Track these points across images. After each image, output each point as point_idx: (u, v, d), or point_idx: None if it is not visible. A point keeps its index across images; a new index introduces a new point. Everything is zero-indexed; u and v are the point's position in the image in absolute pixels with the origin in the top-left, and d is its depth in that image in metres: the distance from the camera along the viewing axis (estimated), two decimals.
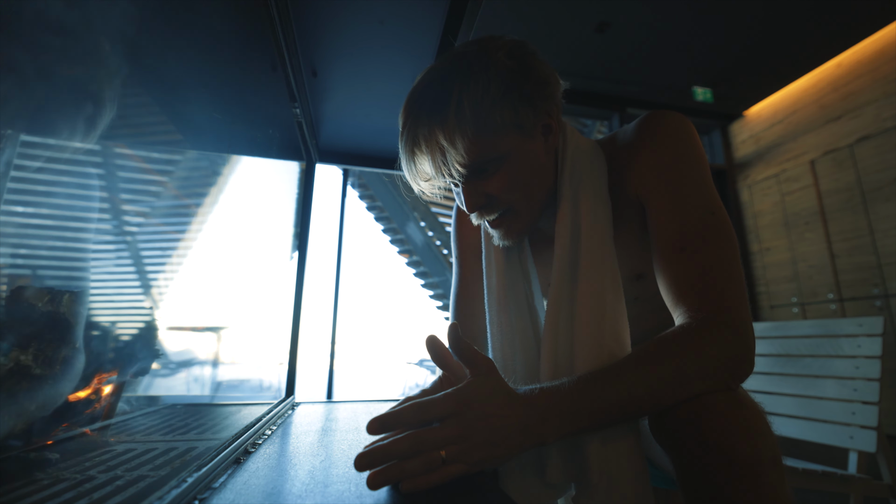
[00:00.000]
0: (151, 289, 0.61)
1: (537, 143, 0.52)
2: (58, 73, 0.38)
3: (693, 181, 0.48)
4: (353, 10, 0.76)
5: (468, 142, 0.46)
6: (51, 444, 0.45)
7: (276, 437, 0.64)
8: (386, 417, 0.38)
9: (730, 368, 0.40)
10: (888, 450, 1.08)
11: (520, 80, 0.48)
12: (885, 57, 2.59)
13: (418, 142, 0.49)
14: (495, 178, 0.50)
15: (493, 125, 0.47)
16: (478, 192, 0.51)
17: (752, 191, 3.33)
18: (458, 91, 0.46)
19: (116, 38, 0.44)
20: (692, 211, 0.46)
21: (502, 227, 0.54)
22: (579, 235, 0.54)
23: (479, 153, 0.47)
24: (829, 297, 2.72)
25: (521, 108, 0.48)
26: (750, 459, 0.34)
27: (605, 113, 3.32)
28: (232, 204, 0.81)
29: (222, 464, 0.46)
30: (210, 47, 0.65)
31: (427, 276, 5.96)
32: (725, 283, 0.43)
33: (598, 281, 0.51)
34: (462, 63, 0.48)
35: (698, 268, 0.44)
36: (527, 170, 0.51)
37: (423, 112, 0.48)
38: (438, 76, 0.49)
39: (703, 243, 0.45)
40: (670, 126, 0.51)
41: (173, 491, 0.35)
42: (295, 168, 1.25)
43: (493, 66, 0.47)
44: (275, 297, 1.16)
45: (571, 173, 0.55)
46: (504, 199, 0.51)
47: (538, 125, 0.51)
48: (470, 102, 0.46)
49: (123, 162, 0.53)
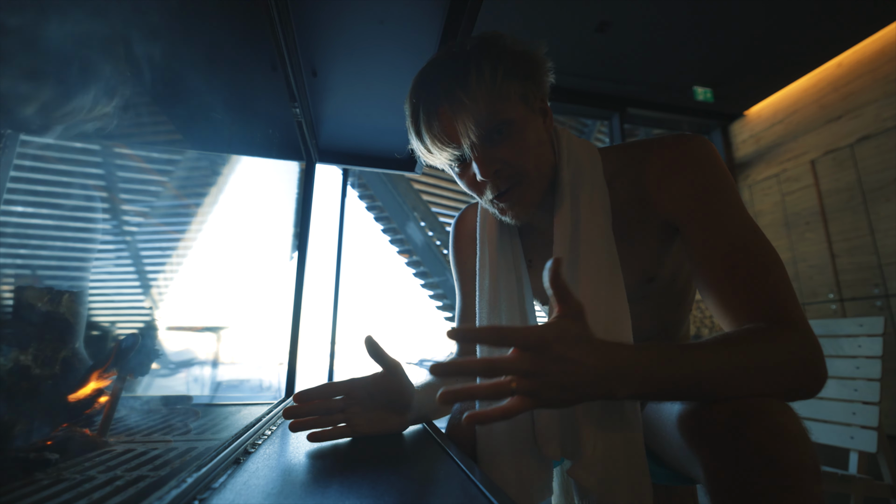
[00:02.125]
0: (151, 289, 0.61)
1: (538, 120, 0.57)
2: (57, 73, 0.38)
3: (731, 205, 0.50)
4: (352, 10, 0.76)
5: (487, 103, 0.51)
6: (50, 444, 0.45)
7: (276, 438, 0.64)
8: (466, 331, 0.38)
9: (805, 376, 0.40)
10: (889, 450, 1.08)
11: (523, 61, 0.54)
12: (885, 57, 2.59)
13: (441, 105, 0.53)
14: (507, 143, 0.54)
15: (505, 93, 0.52)
16: (492, 158, 0.54)
17: (752, 191, 3.33)
18: (475, 64, 0.52)
19: (116, 38, 0.44)
20: (737, 233, 0.48)
21: (513, 198, 0.56)
22: (579, 233, 0.55)
23: (494, 118, 0.52)
24: (829, 297, 2.72)
25: (527, 83, 0.54)
26: (793, 466, 0.33)
27: (605, 113, 3.31)
28: (232, 204, 0.81)
29: (222, 464, 0.46)
30: (210, 47, 0.65)
31: (427, 276, 5.95)
32: (786, 298, 0.44)
33: (601, 283, 0.53)
34: (471, 47, 0.54)
35: (755, 286, 0.45)
36: (533, 137, 0.55)
37: (442, 82, 0.53)
38: (452, 57, 0.54)
39: (754, 259, 0.46)
40: (705, 152, 0.53)
41: (173, 491, 0.35)
42: (295, 168, 1.25)
43: (499, 47, 0.54)
44: (275, 297, 1.16)
45: (568, 161, 0.59)
46: (516, 163, 0.54)
47: (538, 104, 0.56)
48: (488, 72, 0.51)
49: (123, 162, 0.53)
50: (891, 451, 1.08)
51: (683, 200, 0.52)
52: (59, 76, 0.38)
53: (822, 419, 1.22)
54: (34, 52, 0.35)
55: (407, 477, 0.45)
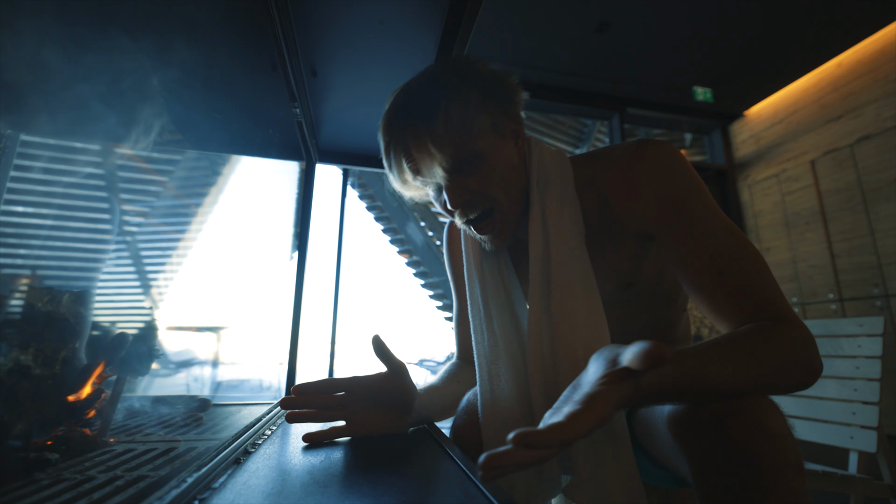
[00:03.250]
0: (151, 289, 0.61)
1: (509, 145, 0.58)
2: (58, 74, 0.38)
3: (704, 208, 0.50)
4: (352, 10, 0.76)
5: (454, 145, 0.52)
6: (50, 444, 0.45)
7: (276, 438, 0.64)
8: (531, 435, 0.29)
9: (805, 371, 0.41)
10: (888, 450, 1.08)
11: (493, 90, 0.55)
12: (885, 57, 2.59)
13: (408, 152, 0.54)
14: (477, 174, 0.55)
15: (475, 127, 0.53)
16: (462, 188, 0.55)
17: (752, 191, 3.33)
18: (445, 103, 0.52)
19: (116, 38, 0.44)
20: (713, 235, 0.48)
21: (491, 229, 0.58)
22: (548, 244, 0.57)
23: (462, 152, 0.53)
24: (829, 297, 2.72)
25: (497, 113, 0.55)
26: (776, 463, 0.34)
27: (605, 113, 3.31)
28: (232, 204, 0.81)
29: (222, 464, 0.46)
30: (210, 47, 0.65)
31: (427, 276, 5.95)
32: (774, 296, 0.44)
33: (569, 284, 0.54)
34: (442, 79, 0.55)
35: (743, 287, 0.45)
36: (503, 165, 0.56)
37: (409, 124, 0.53)
38: (421, 91, 0.55)
39: (738, 262, 0.46)
40: (667, 160, 0.53)
41: (173, 491, 0.35)
42: (295, 168, 1.25)
43: (471, 77, 0.55)
44: (275, 297, 1.16)
45: (538, 179, 0.59)
46: (486, 192, 0.56)
47: (509, 128, 0.57)
48: (456, 111, 0.52)
49: (124, 162, 0.53)
50: (891, 451, 1.08)
51: (653, 211, 0.52)
52: (59, 77, 0.38)
53: (822, 419, 1.22)
54: (34, 52, 0.35)
55: (407, 477, 0.45)
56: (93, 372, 0.49)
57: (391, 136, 0.55)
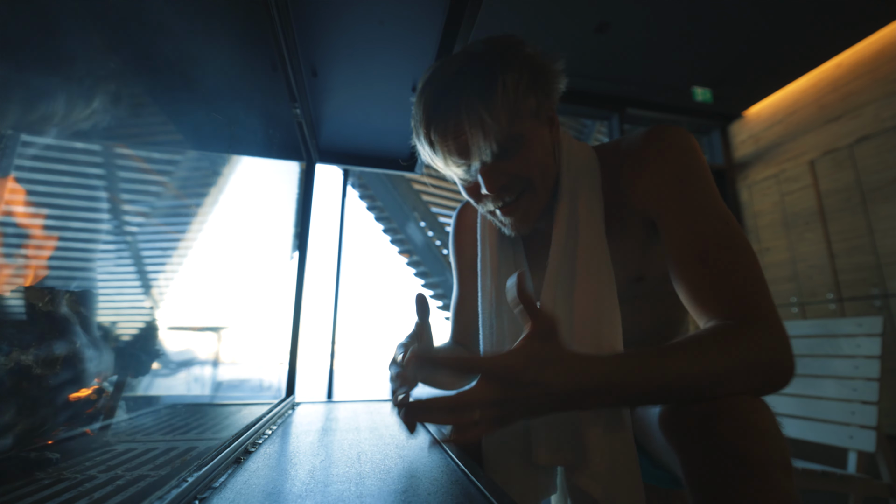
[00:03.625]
0: (152, 289, 0.61)
1: (545, 131, 0.56)
2: (58, 74, 0.38)
3: (703, 194, 0.49)
4: (352, 10, 0.76)
5: (506, 120, 0.50)
6: (51, 444, 0.45)
7: (277, 437, 0.64)
8: (437, 358, 0.39)
9: (773, 372, 0.40)
10: (887, 449, 1.08)
11: (541, 72, 0.53)
12: (884, 57, 2.59)
13: (459, 119, 0.50)
14: (517, 158, 0.53)
15: (522, 109, 0.51)
16: (499, 173, 0.53)
17: (751, 191, 3.33)
18: (501, 75, 0.50)
19: (116, 38, 0.44)
20: (707, 222, 0.47)
21: (518, 211, 0.56)
22: (577, 234, 0.56)
23: (509, 132, 0.51)
24: (828, 297, 2.72)
25: (542, 96, 0.53)
26: (761, 461, 0.34)
27: (605, 113, 3.31)
28: (232, 204, 0.81)
29: (222, 463, 0.46)
30: (210, 47, 0.65)
31: (427, 276, 5.95)
32: (755, 290, 0.43)
33: (596, 283, 0.53)
34: (497, 53, 0.52)
35: (725, 277, 0.44)
36: (541, 151, 0.55)
37: (464, 92, 0.50)
38: (475, 63, 0.52)
39: (725, 252, 0.45)
40: (675, 141, 0.52)
41: (174, 490, 0.35)
42: (295, 168, 1.25)
43: (523, 57, 0.52)
44: (275, 296, 1.16)
45: (568, 170, 0.58)
46: (523, 177, 0.54)
47: (547, 115, 0.56)
48: (511, 85, 0.50)
49: (124, 162, 0.53)
50: (889, 451, 1.08)
51: (657, 190, 0.52)
52: (60, 77, 0.38)
53: (821, 419, 1.22)
54: (34, 52, 0.35)
55: (407, 477, 0.45)
56: (94, 372, 0.49)
57: (435, 106, 0.52)
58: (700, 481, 0.37)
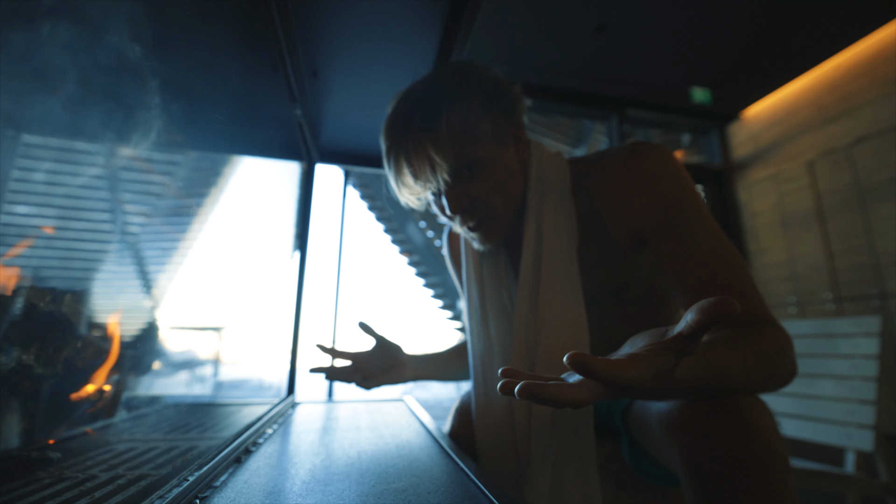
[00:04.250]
0: (152, 289, 0.61)
1: (510, 152, 0.58)
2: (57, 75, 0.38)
3: (694, 215, 0.51)
4: (353, 11, 0.76)
5: (455, 152, 0.52)
6: (52, 444, 0.45)
7: (277, 437, 0.64)
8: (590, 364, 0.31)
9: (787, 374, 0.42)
10: (885, 449, 1.09)
11: (496, 97, 0.55)
12: (883, 58, 2.60)
13: (409, 157, 0.54)
14: (477, 181, 0.55)
15: (476, 135, 0.53)
16: (461, 196, 0.56)
17: (750, 191, 3.34)
18: (447, 109, 0.52)
19: (117, 39, 0.44)
20: (703, 244, 0.49)
21: (481, 230, 0.59)
22: (541, 245, 0.58)
23: (463, 159, 0.53)
24: (826, 297, 2.73)
25: (498, 120, 0.55)
26: (760, 460, 0.35)
27: (604, 114, 3.32)
28: (233, 204, 0.81)
29: (223, 463, 0.46)
30: (211, 48, 0.65)
31: (428, 276, 5.95)
32: (759, 300, 0.46)
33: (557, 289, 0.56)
34: (444, 85, 0.54)
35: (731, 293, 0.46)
36: (503, 173, 0.57)
37: (411, 129, 0.53)
38: (423, 97, 0.55)
39: (726, 270, 0.47)
40: (658, 164, 0.53)
41: (174, 490, 0.36)
42: (295, 168, 1.25)
43: (474, 85, 0.54)
44: (275, 297, 1.16)
45: (536, 183, 0.60)
46: (484, 199, 0.56)
47: (510, 136, 0.58)
48: (457, 118, 0.52)
49: (125, 162, 0.53)
50: (887, 450, 1.09)
51: (644, 217, 0.53)
52: (58, 77, 0.38)
53: (820, 418, 1.22)
54: (34, 52, 0.35)
55: (407, 476, 0.45)
56: (94, 372, 0.50)
57: (392, 140, 0.55)
58: (699, 480, 0.37)
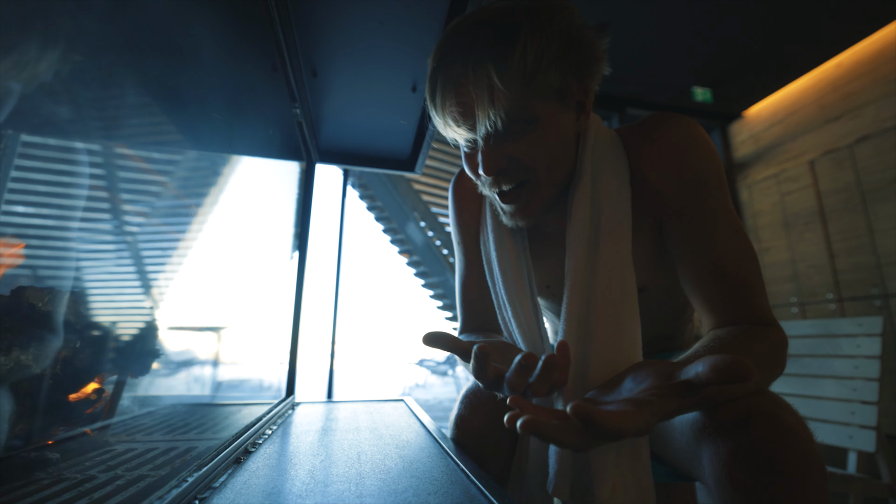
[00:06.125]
0: (151, 289, 0.61)
1: (569, 118, 0.50)
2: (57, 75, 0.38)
3: (718, 200, 0.48)
4: (352, 10, 0.76)
5: (519, 92, 0.44)
6: (51, 444, 0.45)
7: (277, 437, 0.64)
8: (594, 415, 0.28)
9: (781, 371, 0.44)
10: (887, 449, 1.08)
11: (576, 48, 0.46)
12: (884, 57, 2.59)
13: (465, 78, 0.45)
14: (524, 141, 0.47)
15: (542, 83, 0.45)
16: (500, 154, 0.47)
17: (751, 191, 3.33)
18: (525, 36, 0.44)
19: (117, 39, 0.44)
20: (721, 233, 0.47)
21: (519, 202, 0.50)
22: (598, 240, 0.51)
23: (521, 107, 0.45)
24: (828, 297, 2.72)
25: (570, 75, 0.47)
26: (798, 465, 0.34)
27: (605, 113, 3.31)
28: (232, 204, 0.81)
29: (222, 463, 0.46)
30: (210, 48, 0.65)
31: (427, 276, 5.95)
32: (763, 301, 0.46)
33: (615, 290, 0.49)
34: (528, 10, 0.46)
35: (741, 289, 0.46)
36: (555, 140, 0.48)
37: (477, 47, 0.44)
38: (501, 16, 0.46)
39: (740, 264, 0.46)
40: (691, 139, 0.49)
41: (174, 490, 0.35)
42: (295, 168, 1.25)
43: (558, 23, 0.45)
44: (275, 297, 1.16)
45: (593, 167, 0.53)
46: (527, 164, 0.48)
47: (575, 99, 0.49)
48: (533, 51, 0.43)
49: (124, 162, 0.53)
50: (889, 451, 1.08)
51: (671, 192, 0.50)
52: (58, 77, 0.38)
53: (821, 419, 1.22)
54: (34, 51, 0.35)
55: (407, 477, 0.45)
56: (94, 371, 0.49)
57: (445, 58, 0.46)
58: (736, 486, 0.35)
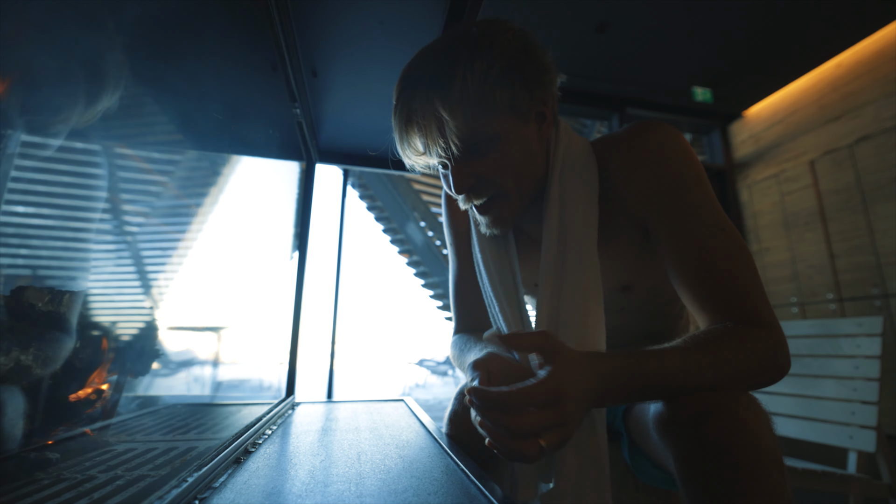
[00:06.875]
0: (151, 289, 0.61)
1: (531, 129, 0.52)
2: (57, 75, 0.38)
3: (700, 199, 0.48)
4: (352, 10, 0.76)
5: (468, 117, 0.47)
6: (51, 444, 0.45)
7: (276, 437, 0.64)
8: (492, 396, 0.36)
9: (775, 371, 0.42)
10: (887, 449, 1.08)
11: (520, 64, 0.48)
12: (884, 57, 2.59)
13: (415, 112, 0.48)
14: (487, 159, 0.50)
15: (492, 104, 0.47)
16: (468, 173, 0.50)
17: (751, 191, 3.33)
18: (464, 66, 0.46)
19: (117, 39, 0.44)
20: (707, 232, 0.47)
21: (491, 213, 0.54)
22: (566, 241, 0.54)
23: (475, 130, 0.48)
24: (828, 297, 2.72)
25: (520, 91, 0.49)
26: (751, 461, 0.34)
27: (605, 113, 3.31)
28: (232, 204, 0.81)
29: (222, 463, 0.46)
30: (210, 48, 0.65)
31: (427, 276, 5.96)
32: (756, 297, 0.45)
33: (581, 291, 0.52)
34: (467, 40, 0.48)
35: (730, 285, 0.45)
36: (518, 153, 0.51)
37: (422, 83, 0.48)
38: (442, 50, 0.49)
39: (728, 261, 0.46)
40: (667, 143, 0.50)
41: (174, 490, 0.35)
42: (295, 168, 1.25)
43: (498, 46, 0.48)
44: (275, 297, 1.16)
45: (562, 174, 0.55)
46: (495, 180, 0.51)
47: (533, 111, 0.51)
48: (473, 78, 0.46)
49: (124, 162, 0.53)
50: (889, 451, 1.08)
51: (652, 198, 0.50)
52: (59, 76, 0.38)
53: (822, 419, 1.22)
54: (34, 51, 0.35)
55: (407, 477, 0.45)
56: (94, 372, 0.49)
57: (401, 97, 0.50)
58: (693, 481, 0.37)
